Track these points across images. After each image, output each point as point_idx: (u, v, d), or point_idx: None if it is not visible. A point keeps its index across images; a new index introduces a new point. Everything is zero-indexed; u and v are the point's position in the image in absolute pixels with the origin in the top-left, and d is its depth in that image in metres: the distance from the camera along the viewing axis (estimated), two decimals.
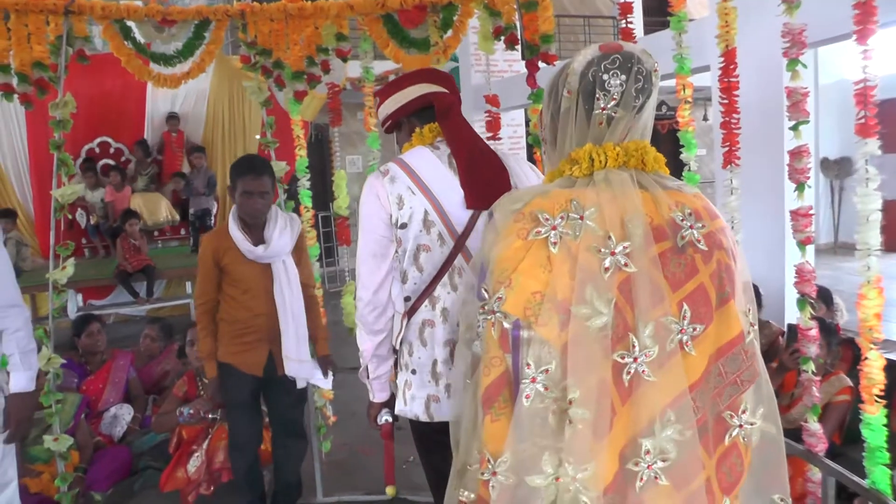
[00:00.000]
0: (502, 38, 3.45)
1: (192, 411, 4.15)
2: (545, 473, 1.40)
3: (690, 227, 1.46)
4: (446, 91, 2.38)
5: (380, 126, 2.58)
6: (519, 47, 3.46)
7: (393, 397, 2.42)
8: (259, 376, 3.49)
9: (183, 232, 10.14)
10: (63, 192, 3.49)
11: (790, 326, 4.40)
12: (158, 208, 9.74)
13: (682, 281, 1.43)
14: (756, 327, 1.54)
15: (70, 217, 6.04)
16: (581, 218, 1.42)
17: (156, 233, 9.85)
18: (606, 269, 1.39)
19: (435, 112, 2.34)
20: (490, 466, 1.44)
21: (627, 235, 1.41)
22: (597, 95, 1.47)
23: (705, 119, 13.95)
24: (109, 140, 9.74)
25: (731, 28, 2.81)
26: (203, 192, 9.31)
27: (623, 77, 1.45)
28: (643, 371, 1.39)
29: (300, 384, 3.54)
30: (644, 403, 1.39)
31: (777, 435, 1.52)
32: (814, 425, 2.77)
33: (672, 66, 3.04)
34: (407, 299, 2.29)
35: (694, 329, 1.43)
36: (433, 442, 2.36)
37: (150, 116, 9.97)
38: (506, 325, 1.43)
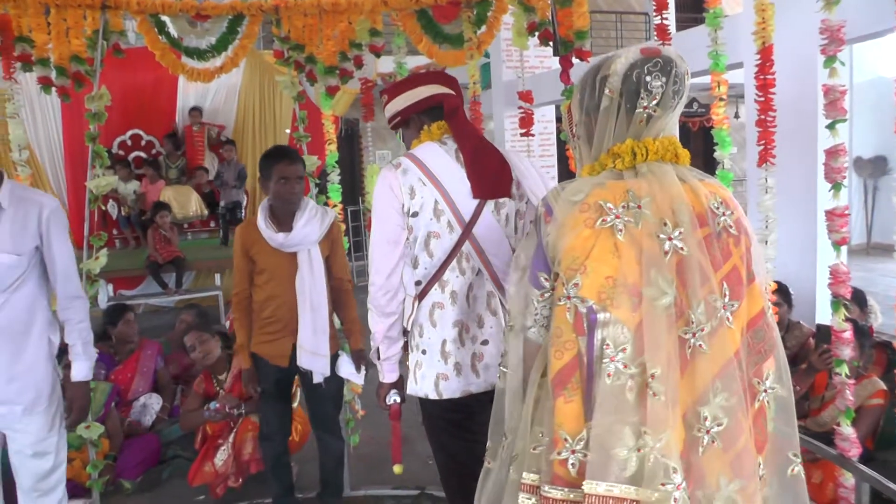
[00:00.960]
0: (536, 33, 3.43)
1: (218, 406, 4.18)
2: (627, 445, 1.50)
3: (723, 214, 1.61)
4: (453, 93, 2.55)
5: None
6: (552, 43, 3.44)
7: (401, 379, 2.54)
8: (285, 367, 3.52)
9: (213, 224, 10.23)
10: (97, 184, 3.54)
11: (820, 327, 4.34)
12: (189, 201, 9.82)
13: (720, 262, 1.57)
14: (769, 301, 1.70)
15: (103, 208, 6.11)
16: (639, 207, 1.55)
17: (185, 225, 9.94)
18: (666, 253, 1.54)
19: (443, 111, 2.50)
20: (568, 445, 1.54)
21: (678, 222, 1.55)
22: (640, 96, 1.59)
23: (737, 116, 13.80)
24: (141, 133, 9.85)
25: (769, 24, 2.77)
26: (234, 185, 9.38)
27: (663, 79, 1.58)
28: (700, 345, 1.53)
29: (316, 378, 3.52)
30: (699, 374, 1.53)
31: (788, 397, 1.68)
32: (847, 429, 2.74)
33: (706, 63, 3.01)
34: (418, 283, 2.45)
35: (732, 305, 1.58)
36: (442, 420, 2.48)
37: (181, 110, 10.07)
38: (581, 309, 1.55)
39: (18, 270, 2.65)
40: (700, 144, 15.87)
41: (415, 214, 2.39)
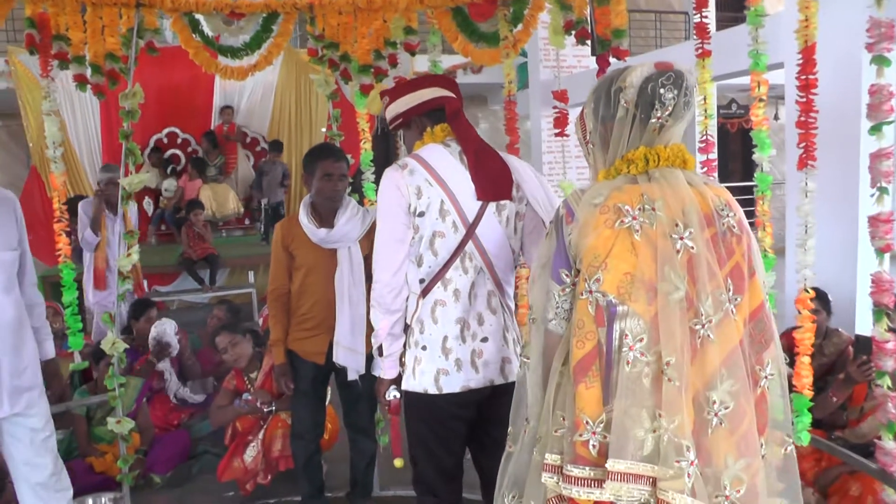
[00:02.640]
0: (573, 32, 3.38)
1: (249, 399, 4.19)
2: (644, 427, 1.65)
3: (727, 215, 1.77)
4: (454, 96, 2.61)
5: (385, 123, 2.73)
6: (589, 42, 3.39)
7: (399, 375, 2.58)
8: (320, 364, 3.51)
9: (247, 222, 10.28)
10: (130, 181, 3.56)
11: (859, 338, 4.23)
12: (227, 199, 9.90)
13: (725, 260, 1.74)
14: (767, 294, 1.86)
15: (137, 205, 6.19)
16: (653, 209, 1.70)
17: (221, 223, 10.01)
18: (678, 252, 1.69)
19: (445, 114, 2.56)
20: (589, 427, 1.69)
21: (688, 223, 1.70)
22: (655, 107, 1.75)
23: (776, 118, 13.57)
24: (177, 131, 9.93)
25: (812, 22, 2.69)
26: (279, 185, 9.45)
27: (675, 91, 1.74)
28: (708, 335, 1.68)
29: (350, 375, 3.50)
30: (708, 361, 1.68)
31: (783, 382, 1.85)
32: (889, 443, 2.65)
33: (745, 63, 2.94)
34: (421, 281, 2.51)
35: (736, 299, 1.74)
36: (431, 414, 2.53)
37: (217, 108, 10.13)
38: (602, 302, 1.71)
39: (17, 265, 2.83)
40: (738, 146, 15.66)
41: (421, 214, 2.45)
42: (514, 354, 2.57)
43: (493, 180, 2.50)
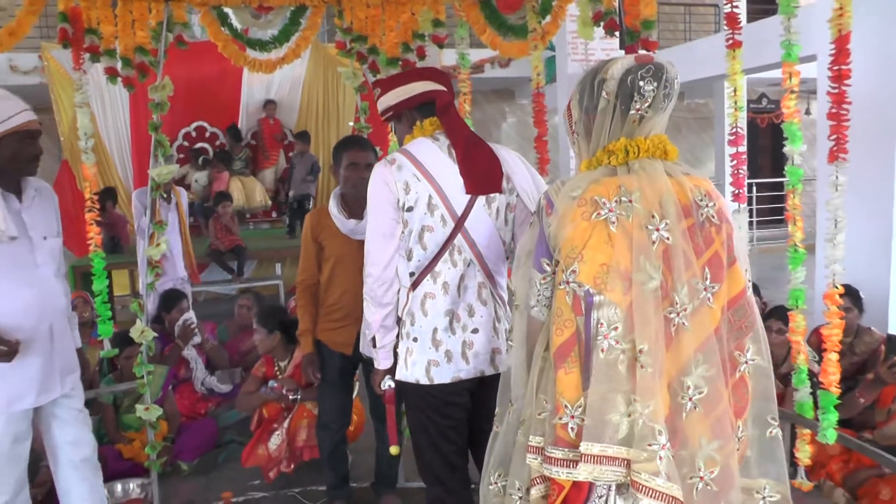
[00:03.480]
0: (601, 23, 3.35)
1: (275, 386, 4.21)
2: (619, 411, 1.71)
3: (706, 205, 1.80)
4: (445, 89, 2.63)
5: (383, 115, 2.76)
6: (618, 35, 3.36)
7: (395, 365, 2.63)
8: (348, 355, 3.52)
9: (275, 215, 10.34)
10: (160, 172, 3.59)
11: (892, 337, 4.17)
12: (254, 192, 9.98)
13: (702, 249, 1.78)
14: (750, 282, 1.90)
15: (165, 196, 6.25)
16: (630, 201, 1.75)
17: (248, 215, 10.08)
18: (653, 242, 1.74)
19: (435, 108, 2.59)
20: (568, 411, 1.76)
21: (664, 214, 1.75)
22: (634, 99, 1.79)
23: (808, 113, 13.42)
24: (205, 124, 10.02)
25: (846, 11, 2.65)
26: (306, 178, 9.48)
27: (655, 84, 1.78)
28: (683, 323, 1.74)
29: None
30: (682, 348, 1.74)
31: (767, 367, 1.87)
32: None
33: (776, 56, 2.90)
34: (411, 274, 2.54)
35: (713, 287, 1.77)
36: (428, 404, 2.58)
37: (245, 102, 10.21)
38: (579, 292, 1.77)
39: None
40: (768, 141, 15.50)
41: (409, 209, 2.48)
42: (504, 344, 2.60)
43: (482, 174, 2.53)
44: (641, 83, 1.78)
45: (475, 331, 2.55)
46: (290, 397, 4.21)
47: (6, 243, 2.72)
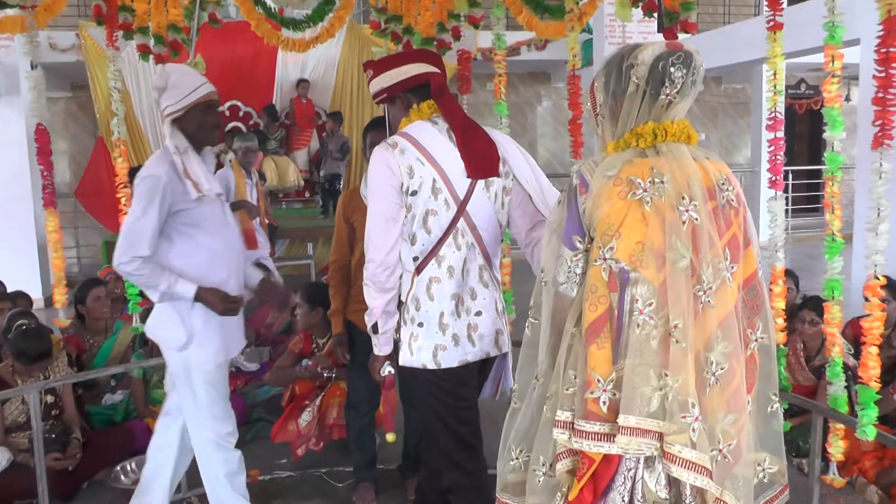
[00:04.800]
0: (640, 5, 3.29)
1: (310, 364, 4.21)
2: (651, 385, 1.78)
3: (727, 189, 1.90)
4: (439, 72, 2.62)
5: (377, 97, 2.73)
6: (656, 16, 3.30)
7: (394, 352, 2.64)
8: None
9: (307, 195, 10.36)
10: None
11: None
12: (287, 172, 10.01)
13: (723, 230, 1.86)
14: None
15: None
16: (662, 182, 1.82)
17: (281, 195, 10.12)
18: (683, 223, 1.81)
19: (430, 90, 2.57)
20: (600, 385, 1.81)
21: (692, 196, 1.82)
22: (664, 84, 1.85)
23: (848, 100, 13.12)
24: (239, 104, 10.06)
25: None
26: (336, 157, 9.49)
27: (684, 70, 1.85)
28: (709, 301, 1.82)
29: None
30: (707, 325, 1.82)
31: (771, 346, 1.98)
32: None
33: (816, 41, 2.82)
34: (415, 259, 2.54)
35: (732, 267, 1.87)
36: (437, 388, 2.58)
37: (279, 82, 10.23)
38: (615, 268, 1.82)
39: None
40: (806, 127, 15.23)
41: (414, 193, 2.47)
42: (504, 325, 2.66)
43: (481, 157, 2.54)
44: (672, 69, 1.84)
45: (479, 313, 2.57)
46: (325, 375, 4.21)
47: (209, 204, 2.98)
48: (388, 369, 2.65)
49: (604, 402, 1.80)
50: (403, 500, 3.85)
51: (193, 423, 3.18)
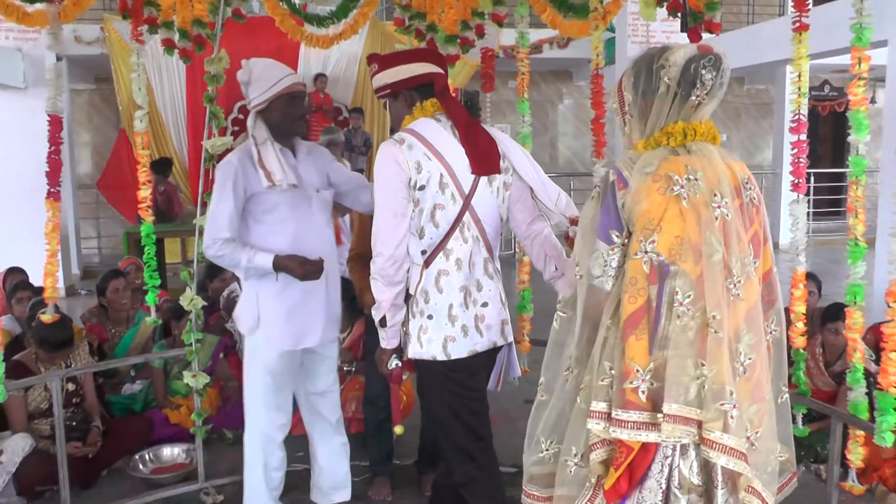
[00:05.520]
0: (664, 4, 3.28)
1: None
2: (689, 374, 1.84)
3: (750, 188, 1.99)
4: (442, 72, 2.71)
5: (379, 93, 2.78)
6: (680, 15, 3.28)
7: (400, 345, 2.69)
8: None
9: None
10: (213, 143, 3.61)
11: None
12: None
13: (748, 227, 1.95)
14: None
15: None
16: (696, 180, 1.90)
17: None
18: (716, 219, 1.88)
19: (434, 89, 2.66)
20: (640, 375, 1.86)
21: (723, 193, 1.90)
22: (696, 86, 1.92)
23: (873, 102, 12.96)
24: None
25: None
26: (362, 151, 9.53)
27: (714, 73, 1.92)
28: (738, 294, 1.90)
29: None
30: (736, 317, 1.89)
31: (781, 337, 2.08)
32: None
33: (842, 42, 2.79)
34: (423, 252, 2.60)
35: (755, 262, 1.96)
36: (447, 379, 2.64)
37: (301, 77, 10.17)
38: (656, 262, 1.88)
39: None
40: (829, 129, 15.08)
41: (422, 188, 2.54)
42: (507, 316, 2.75)
43: (484, 154, 2.61)
44: (703, 71, 1.91)
45: (485, 304, 2.65)
46: (345, 369, 4.21)
47: (288, 191, 3.05)
48: (395, 362, 2.69)
49: (642, 392, 1.85)
50: (419, 495, 3.86)
51: (247, 408, 3.29)
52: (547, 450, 2.13)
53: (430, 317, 2.60)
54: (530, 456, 2.18)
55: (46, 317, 3.83)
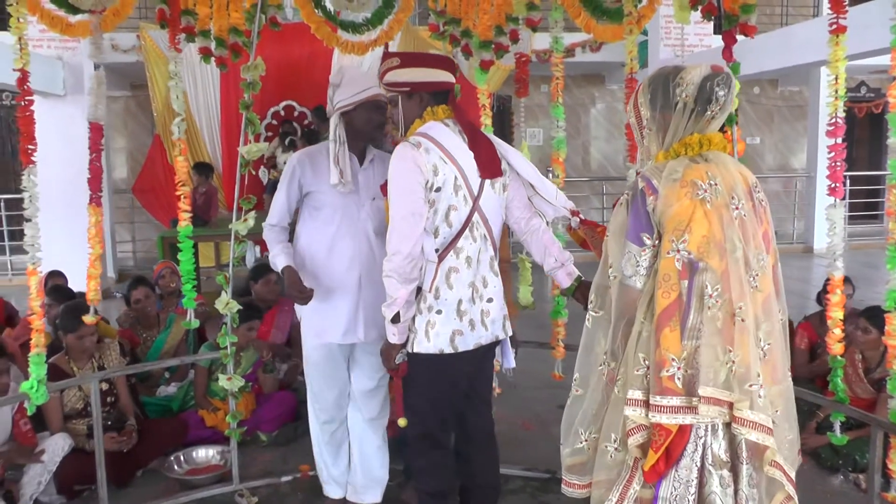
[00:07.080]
0: (699, 7, 3.26)
1: None
2: (719, 360, 2.01)
3: (758, 192, 2.20)
4: (455, 82, 2.88)
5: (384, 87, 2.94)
6: (714, 19, 3.26)
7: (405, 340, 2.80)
8: None
9: None
10: (249, 150, 3.64)
11: None
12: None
13: (759, 227, 2.14)
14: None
15: (254, 173, 6.36)
16: (716, 185, 2.08)
17: None
18: (735, 219, 2.07)
19: (447, 97, 2.83)
20: (675, 363, 2.01)
21: (739, 196, 2.10)
22: (711, 102, 2.12)
23: None
24: (294, 104, 10.16)
25: None
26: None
27: (726, 90, 2.13)
28: (756, 286, 2.09)
29: None
30: (755, 306, 2.08)
31: (786, 323, 2.24)
32: None
33: (880, 42, 2.76)
34: (436, 251, 2.73)
35: (765, 258, 2.15)
36: (450, 371, 2.81)
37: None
38: (686, 259, 2.03)
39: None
40: (866, 133, 14.86)
41: (438, 189, 2.68)
42: (507, 310, 2.94)
43: (489, 159, 2.79)
44: (717, 89, 2.11)
45: (490, 300, 2.84)
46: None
47: (342, 194, 3.23)
48: (401, 357, 2.79)
49: (678, 379, 2.00)
50: None
51: (308, 393, 3.57)
52: (585, 440, 2.28)
53: (439, 312, 2.75)
54: (567, 447, 2.33)
55: (89, 318, 3.91)
